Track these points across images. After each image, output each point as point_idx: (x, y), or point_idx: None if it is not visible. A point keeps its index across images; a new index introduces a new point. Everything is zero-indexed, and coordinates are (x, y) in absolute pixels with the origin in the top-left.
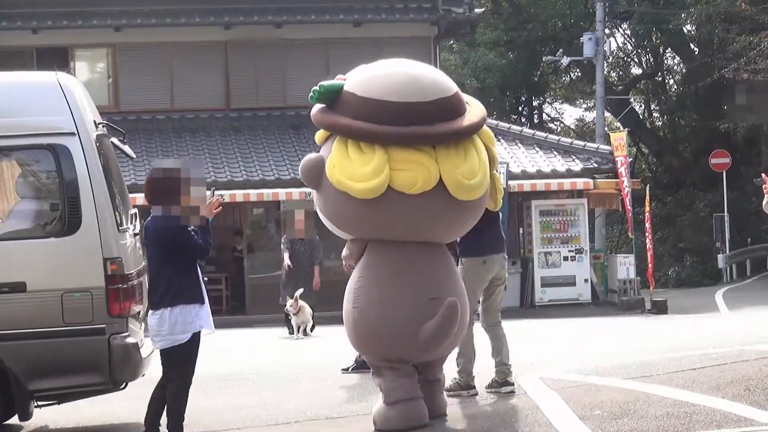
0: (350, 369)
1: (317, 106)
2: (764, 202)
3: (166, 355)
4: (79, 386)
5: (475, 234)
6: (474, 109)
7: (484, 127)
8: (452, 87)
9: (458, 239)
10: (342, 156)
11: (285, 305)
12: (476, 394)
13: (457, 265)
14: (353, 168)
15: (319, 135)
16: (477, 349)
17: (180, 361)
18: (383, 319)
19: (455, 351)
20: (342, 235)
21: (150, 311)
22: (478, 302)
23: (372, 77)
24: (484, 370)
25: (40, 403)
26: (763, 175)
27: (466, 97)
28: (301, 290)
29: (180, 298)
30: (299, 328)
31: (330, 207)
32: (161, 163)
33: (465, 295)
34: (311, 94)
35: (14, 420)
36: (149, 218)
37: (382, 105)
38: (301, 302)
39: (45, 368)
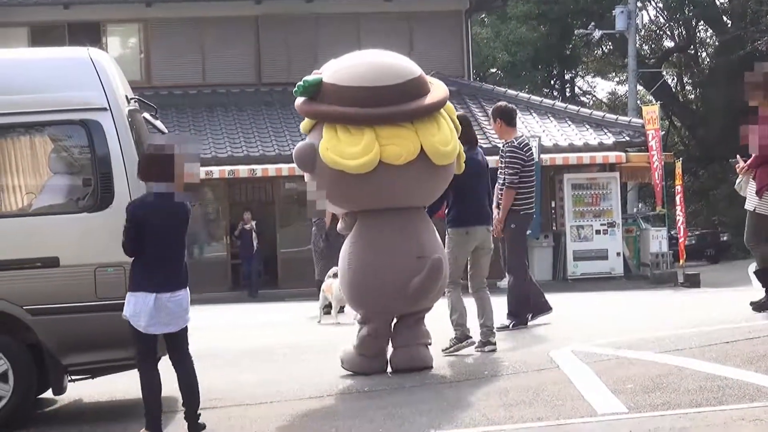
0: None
1: (301, 99)
2: (737, 182)
3: (184, 332)
4: (112, 360)
5: (460, 206)
6: (437, 87)
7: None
8: (417, 70)
9: (446, 211)
10: (333, 139)
11: (322, 280)
12: (473, 343)
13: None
14: (345, 148)
15: (305, 125)
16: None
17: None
18: (375, 277)
19: (448, 310)
20: (335, 210)
21: (175, 291)
22: (465, 269)
23: (348, 67)
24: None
25: (74, 377)
26: (737, 156)
27: (428, 77)
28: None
29: (187, 277)
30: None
31: (325, 186)
32: (154, 139)
33: (445, 254)
34: (295, 89)
35: (48, 394)
36: (158, 195)
37: (363, 90)
38: (330, 280)
39: (78, 343)
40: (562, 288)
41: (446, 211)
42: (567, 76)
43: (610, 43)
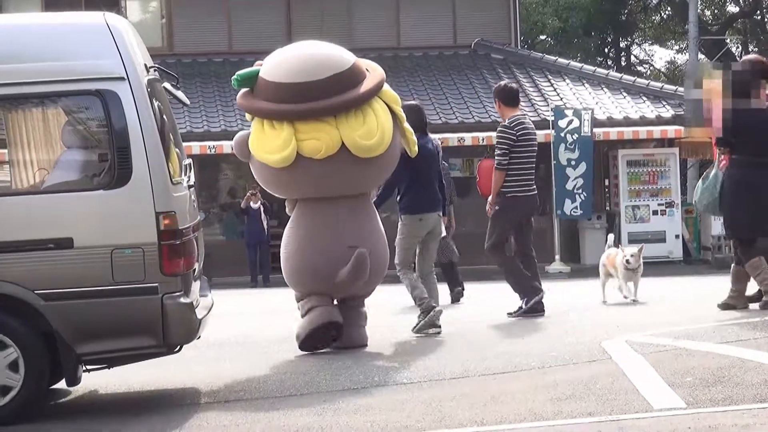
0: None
1: (240, 92)
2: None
3: None
4: (130, 349)
5: (413, 193)
6: (372, 75)
7: (386, 88)
8: (347, 62)
9: (398, 198)
10: (259, 133)
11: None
12: (441, 311)
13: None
14: (268, 142)
15: (249, 114)
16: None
17: None
18: (307, 262)
19: (408, 291)
20: (277, 195)
21: None
22: (416, 253)
23: (278, 62)
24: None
25: (89, 367)
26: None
27: (367, 63)
28: None
29: None
30: None
31: (258, 175)
32: None
33: (383, 244)
34: (232, 81)
35: (62, 384)
36: None
37: (285, 86)
38: None
39: (94, 330)
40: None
41: (398, 198)
42: (622, 44)
43: (669, 8)
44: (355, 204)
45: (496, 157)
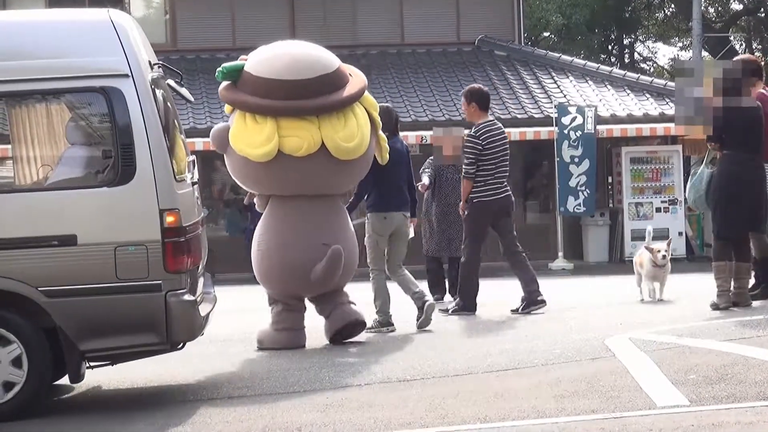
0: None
1: (223, 84)
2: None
3: None
4: (133, 346)
5: (379, 192)
6: (354, 80)
7: (366, 95)
8: (334, 64)
9: (366, 196)
10: (241, 126)
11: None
12: (394, 330)
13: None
14: (250, 136)
15: (228, 107)
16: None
17: None
18: (282, 260)
19: (372, 295)
20: (249, 190)
21: None
22: (384, 251)
23: (266, 58)
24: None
25: (92, 363)
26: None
27: (350, 69)
28: None
29: None
30: None
31: (235, 169)
32: None
33: (353, 242)
34: (216, 74)
35: (65, 380)
36: None
37: (273, 82)
38: None
39: (97, 327)
40: (619, 270)
41: (366, 197)
42: (626, 41)
43: (672, 5)
44: (327, 203)
45: (463, 166)
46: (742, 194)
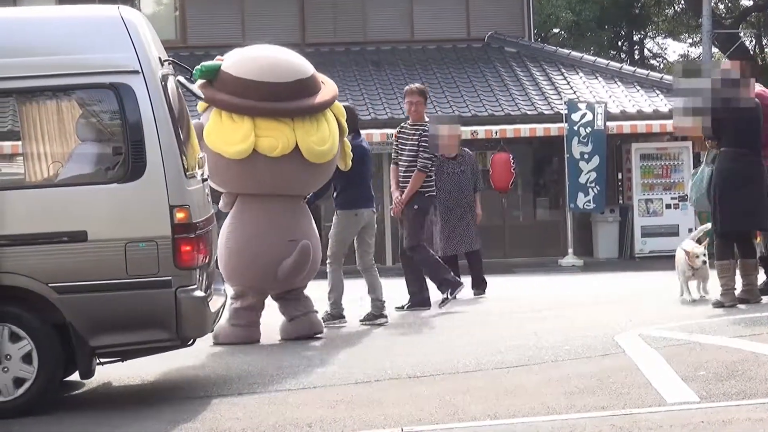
0: (405, 307)
1: (199, 82)
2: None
3: None
4: (143, 342)
5: (349, 190)
6: (327, 88)
7: (336, 102)
8: (309, 70)
9: (335, 194)
10: (217, 124)
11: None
12: (346, 324)
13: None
14: (226, 134)
15: (201, 105)
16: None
17: None
18: (250, 256)
19: (327, 288)
20: (218, 188)
21: None
22: (351, 247)
23: (245, 60)
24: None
25: (102, 359)
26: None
27: (322, 77)
28: None
29: None
30: None
31: (208, 166)
32: None
33: (317, 239)
34: (194, 72)
35: (76, 377)
36: None
37: (252, 83)
38: None
39: (107, 323)
40: (629, 267)
41: (334, 195)
42: (636, 37)
43: (682, 1)
44: (293, 203)
45: (421, 159)
46: (741, 190)
